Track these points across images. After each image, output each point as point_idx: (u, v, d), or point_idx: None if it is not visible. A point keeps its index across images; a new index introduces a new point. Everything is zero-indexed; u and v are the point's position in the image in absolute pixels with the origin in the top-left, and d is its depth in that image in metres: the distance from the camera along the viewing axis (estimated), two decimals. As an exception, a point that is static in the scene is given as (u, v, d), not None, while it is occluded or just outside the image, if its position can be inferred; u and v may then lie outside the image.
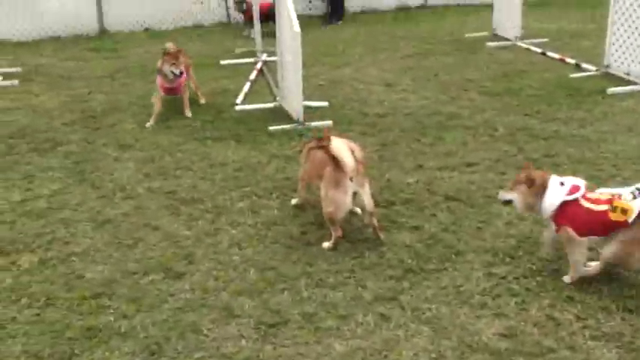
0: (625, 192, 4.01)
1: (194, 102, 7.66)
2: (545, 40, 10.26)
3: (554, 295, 4.03)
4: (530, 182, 4.22)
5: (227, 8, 12.30)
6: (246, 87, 8.25)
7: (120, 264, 4.48)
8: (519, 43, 10.02)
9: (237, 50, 10.25)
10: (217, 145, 6.49)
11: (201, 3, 12.14)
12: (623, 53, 8.13)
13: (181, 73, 7.06)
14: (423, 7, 13.25)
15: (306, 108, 7.06)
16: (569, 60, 9.03)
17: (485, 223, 4.88)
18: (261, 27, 9.45)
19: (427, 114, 7.19)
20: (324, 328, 3.79)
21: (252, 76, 8.72)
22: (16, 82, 8.82)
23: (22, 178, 5.85)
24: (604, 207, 3.98)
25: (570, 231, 4.06)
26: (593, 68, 8.53)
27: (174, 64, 7.00)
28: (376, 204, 5.14)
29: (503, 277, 4.22)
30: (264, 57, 9.47)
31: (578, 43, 10.18)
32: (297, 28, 6.62)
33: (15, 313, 3.99)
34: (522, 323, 3.79)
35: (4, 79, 8.90)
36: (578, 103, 7.39)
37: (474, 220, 4.93)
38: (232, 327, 3.82)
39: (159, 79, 7.12)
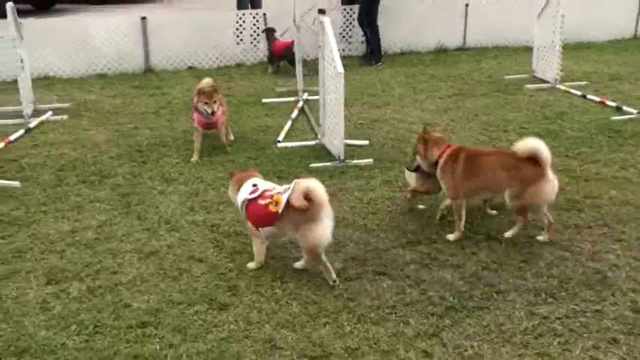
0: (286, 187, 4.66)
1: (238, 138, 7.83)
2: (585, 82, 10.28)
3: (598, 337, 4.00)
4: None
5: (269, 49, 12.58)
6: (288, 125, 8.39)
7: (165, 294, 4.57)
8: (558, 86, 10.05)
9: (278, 89, 10.45)
10: (260, 180, 6.60)
11: (239, 43, 12.44)
12: (665, 96, 8.10)
13: (213, 112, 7.18)
14: (461, 48, 13.36)
15: (347, 146, 7.16)
16: (609, 102, 9.01)
17: (527, 263, 4.88)
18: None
19: (467, 154, 7.22)
20: (366, 362, 3.82)
21: (294, 114, 8.87)
22: (65, 116, 9.12)
23: (71, 209, 6.03)
24: (267, 201, 4.64)
25: (249, 225, 4.80)
26: (634, 111, 8.50)
27: (206, 103, 7.16)
28: (418, 241, 5.20)
29: (546, 317, 4.21)
30: (306, 96, 9.64)
31: (617, 86, 10.17)
32: (340, 68, 6.77)
33: (64, 339, 4.09)
34: (566, 364, 3.77)
35: (54, 114, 9.21)
36: (619, 145, 7.36)
37: (515, 260, 4.93)
38: (275, 358, 3.87)
39: (195, 116, 7.34)
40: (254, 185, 4.86)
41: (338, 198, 6.14)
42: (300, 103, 9.37)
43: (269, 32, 11.67)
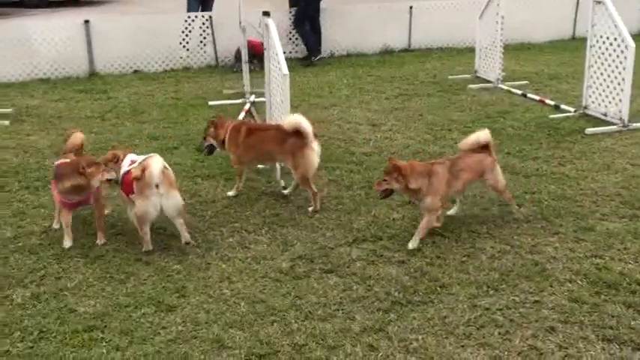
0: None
1: (184, 142, 7.80)
2: (526, 82, 10.58)
3: (537, 326, 4.15)
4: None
5: (215, 52, 12.54)
6: (235, 127, 8.37)
7: (112, 298, 4.55)
8: (500, 85, 10.32)
9: (226, 91, 10.44)
10: (207, 183, 6.62)
11: (187, 50, 12.38)
12: (600, 95, 8.41)
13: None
14: (406, 50, 13.57)
15: (294, 147, 7.20)
16: (548, 101, 9.31)
17: (469, 257, 5.02)
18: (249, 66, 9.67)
19: (412, 152, 7.37)
20: (313, 358, 3.88)
21: (241, 116, 8.87)
22: (7, 122, 8.92)
23: (14, 216, 5.92)
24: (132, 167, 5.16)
25: (121, 193, 5.36)
26: (572, 109, 8.81)
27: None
28: (364, 238, 5.29)
29: (487, 309, 4.34)
30: (252, 98, 9.65)
31: (557, 86, 10.50)
32: (285, 70, 6.81)
33: (8, 346, 4.04)
34: (506, 353, 3.90)
35: (-5, 119, 9.00)
36: (557, 143, 7.62)
37: (459, 254, 5.06)
38: (223, 358, 3.90)
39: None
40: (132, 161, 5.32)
41: (285, 197, 6.20)
42: (247, 105, 9.38)
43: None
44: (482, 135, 5.53)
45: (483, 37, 10.75)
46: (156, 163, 5.01)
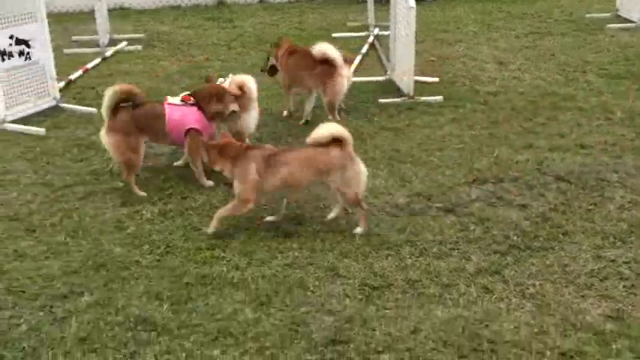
0: None
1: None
2: (673, 23, 9.74)
3: (666, 282, 3.93)
4: None
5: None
6: (357, 60, 8.34)
7: (233, 220, 4.71)
8: (644, 26, 9.57)
9: (349, 24, 10.33)
10: (327, 114, 6.63)
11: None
12: None
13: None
14: (541, -15, 12.82)
15: (417, 83, 7.08)
16: (698, 45, 8.55)
17: (596, 206, 4.79)
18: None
19: (541, 94, 7.04)
20: (426, 294, 3.88)
21: (364, 49, 8.79)
22: (139, 47, 9.32)
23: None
24: None
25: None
26: None
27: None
28: (484, 180, 5.17)
29: (613, 261, 4.15)
30: (377, 31, 9.51)
31: None
32: (412, 2, 6.64)
33: (138, 257, 4.31)
34: (630, 307, 3.73)
35: (129, 44, 9.41)
36: None
37: (585, 202, 4.84)
38: (337, 286, 3.98)
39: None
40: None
41: (405, 134, 6.13)
42: (371, 39, 9.26)
43: None
44: (333, 128, 4.47)
45: (629, -28, 9.93)
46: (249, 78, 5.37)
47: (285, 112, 6.66)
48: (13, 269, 4.20)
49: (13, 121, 6.56)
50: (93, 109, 6.80)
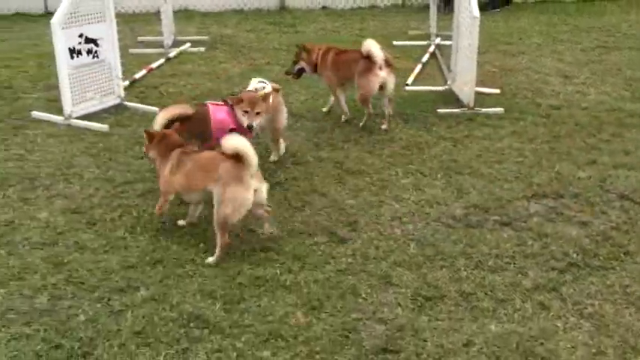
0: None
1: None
2: None
3: None
4: None
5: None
6: (418, 69, 8.30)
7: (288, 223, 4.75)
8: None
9: (411, 32, 10.29)
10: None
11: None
12: None
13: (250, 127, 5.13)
14: (609, -2, 12.53)
15: (478, 94, 7.00)
16: None
17: (662, 227, 4.64)
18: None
19: (606, 109, 6.87)
20: (480, 308, 3.82)
21: (425, 58, 8.74)
22: (202, 49, 9.48)
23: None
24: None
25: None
26: None
27: (247, 112, 5.11)
28: (544, 194, 5.06)
29: (678, 284, 4.01)
30: (438, 40, 9.45)
31: None
32: (476, 12, 6.57)
33: (193, 255, 4.37)
34: (694, 333, 3.60)
35: (192, 45, 9.60)
36: None
37: (649, 222, 4.69)
38: (390, 295, 3.96)
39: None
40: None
41: (464, 145, 6.06)
42: (432, 48, 9.20)
43: None
44: (239, 143, 4.21)
45: None
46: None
47: (343, 118, 6.68)
48: (73, 260, 4.32)
49: (79, 117, 6.75)
50: (155, 108, 6.94)
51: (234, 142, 4.21)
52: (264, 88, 5.46)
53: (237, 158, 4.16)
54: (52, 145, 6.18)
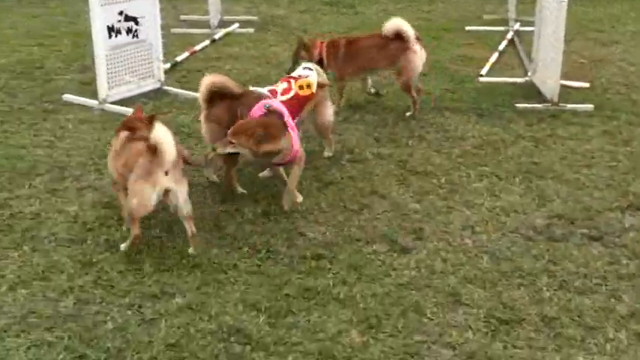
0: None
1: (435, 68, 7.65)
2: None
3: None
4: None
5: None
6: (494, 57, 8.11)
7: (343, 228, 4.63)
8: None
9: (486, 17, 10.07)
10: (456, 117, 6.47)
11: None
12: None
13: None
14: None
15: (563, 87, 6.79)
16: None
17: None
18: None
19: None
20: (565, 335, 3.63)
21: (502, 46, 8.53)
22: (251, 30, 9.46)
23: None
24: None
25: None
26: None
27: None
28: (630, 204, 4.84)
29: None
30: (517, 26, 9.22)
31: None
32: (564, -4, 6.36)
33: (235, 260, 4.29)
34: None
35: (240, 26, 9.57)
36: None
37: None
38: (459, 315, 3.80)
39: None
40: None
41: (546, 145, 5.85)
42: (510, 34, 8.99)
43: None
44: (162, 135, 4.20)
45: None
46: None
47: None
48: (103, 260, 4.28)
49: (114, 102, 6.76)
50: (197, 94, 6.89)
51: (156, 134, 4.18)
52: (307, 76, 5.43)
53: (156, 152, 4.16)
54: (85, 132, 6.20)
